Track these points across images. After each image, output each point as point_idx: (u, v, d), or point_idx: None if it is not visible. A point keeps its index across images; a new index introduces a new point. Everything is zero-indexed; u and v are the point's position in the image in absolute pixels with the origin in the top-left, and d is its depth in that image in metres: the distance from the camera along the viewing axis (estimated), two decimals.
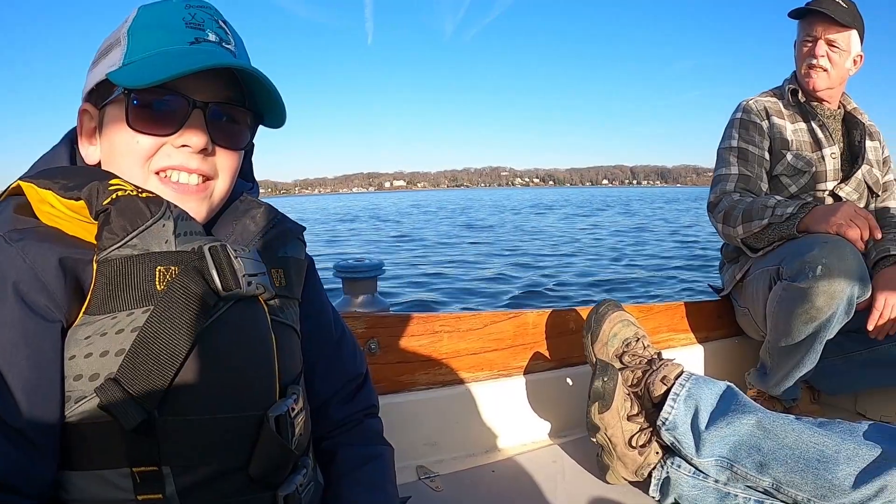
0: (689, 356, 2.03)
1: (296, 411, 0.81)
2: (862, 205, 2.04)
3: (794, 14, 1.99)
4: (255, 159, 0.98)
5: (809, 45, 1.96)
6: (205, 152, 0.79)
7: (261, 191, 0.99)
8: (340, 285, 1.82)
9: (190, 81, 0.75)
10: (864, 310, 1.74)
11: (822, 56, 1.94)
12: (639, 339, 1.47)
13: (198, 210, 0.80)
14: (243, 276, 0.76)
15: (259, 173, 1.01)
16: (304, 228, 0.98)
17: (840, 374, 1.92)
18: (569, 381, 1.72)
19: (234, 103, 0.82)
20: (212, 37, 0.80)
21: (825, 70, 1.96)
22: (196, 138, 0.77)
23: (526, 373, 1.66)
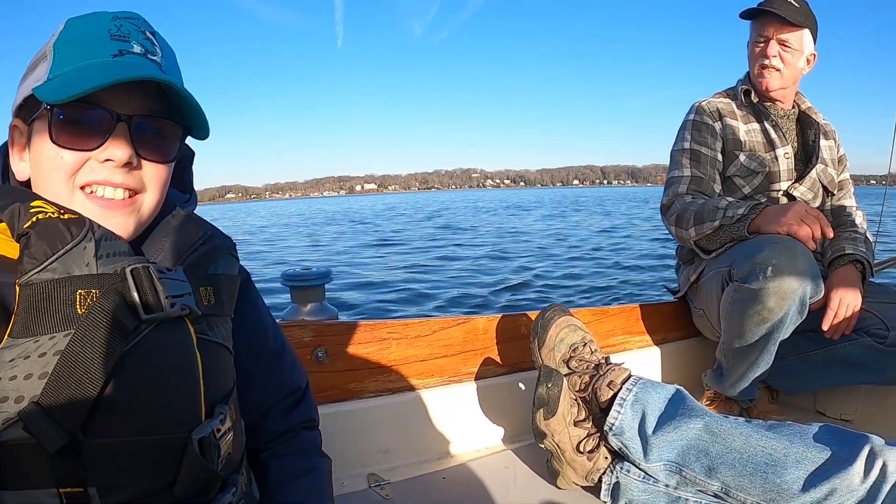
0: (646, 358, 2.03)
1: (222, 431, 0.80)
2: (817, 204, 2.04)
3: (746, 14, 1.98)
4: (225, 164, 0.97)
5: (762, 45, 1.96)
6: (129, 166, 0.78)
7: (231, 195, 0.97)
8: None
9: (115, 94, 0.74)
10: (820, 309, 1.72)
11: (775, 56, 1.93)
12: (586, 343, 1.45)
13: (125, 225, 0.79)
14: (166, 297, 0.75)
15: (229, 178, 0.99)
16: (235, 245, 0.96)
17: (797, 374, 1.91)
18: (521, 385, 1.70)
19: (161, 116, 0.81)
20: (137, 49, 0.78)
21: (778, 70, 1.95)
22: (120, 152, 0.76)
23: (477, 378, 1.63)
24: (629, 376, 1.40)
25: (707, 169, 1.96)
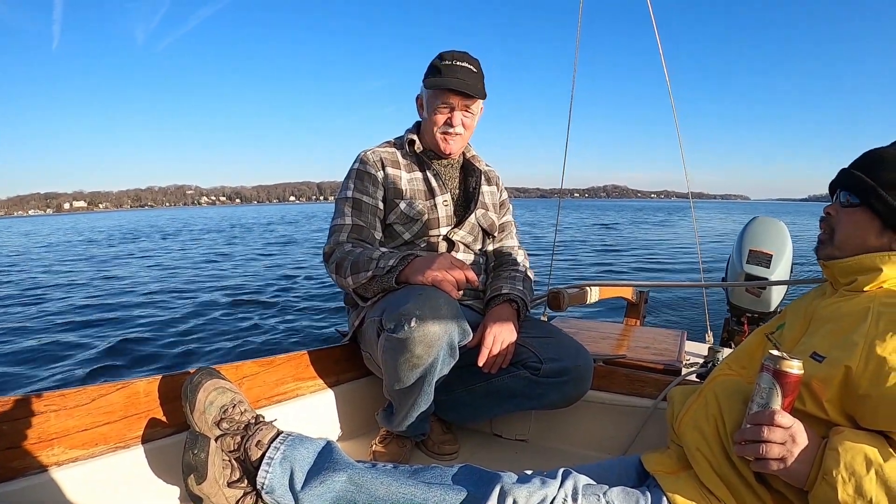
0: (320, 401, 2.11)
1: None
2: (478, 246, 2.21)
3: (433, 85, 2.04)
4: None
5: (447, 113, 2.07)
6: None
7: None
8: None
9: None
10: (480, 345, 1.86)
11: (459, 124, 2.08)
12: (235, 404, 1.50)
13: None
14: None
15: None
16: None
17: (466, 405, 2.04)
18: None
19: None
20: None
21: (460, 135, 2.11)
22: None
23: (145, 441, 1.62)
24: (277, 434, 1.48)
25: (368, 217, 2.04)
